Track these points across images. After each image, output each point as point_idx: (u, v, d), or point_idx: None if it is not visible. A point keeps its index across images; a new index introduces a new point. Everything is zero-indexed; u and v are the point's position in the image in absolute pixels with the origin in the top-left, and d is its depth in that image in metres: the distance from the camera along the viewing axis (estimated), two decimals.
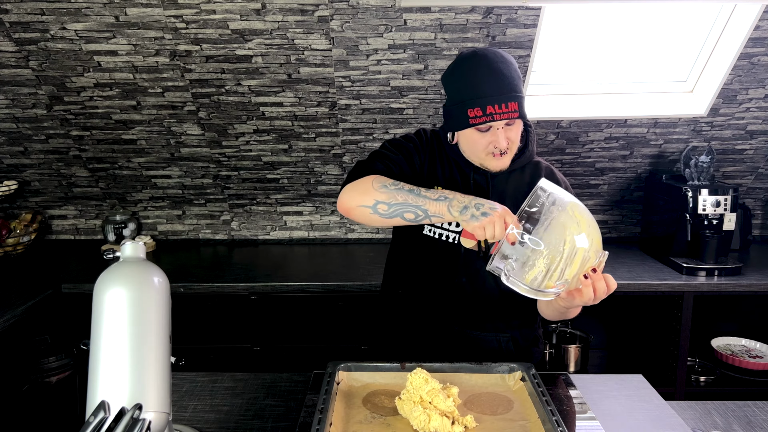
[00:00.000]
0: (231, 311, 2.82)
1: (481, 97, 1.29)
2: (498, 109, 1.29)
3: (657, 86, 2.59)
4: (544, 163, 1.50)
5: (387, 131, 2.59)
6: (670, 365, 2.44)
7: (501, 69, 1.30)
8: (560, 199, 1.14)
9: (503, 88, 1.29)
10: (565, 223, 1.11)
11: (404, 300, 1.53)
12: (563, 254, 1.09)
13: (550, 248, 1.09)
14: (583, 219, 1.13)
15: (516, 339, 1.50)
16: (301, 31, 2.16)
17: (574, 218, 1.12)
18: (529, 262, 1.11)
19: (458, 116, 1.33)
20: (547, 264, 1.10)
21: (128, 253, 0.96)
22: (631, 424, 1.21)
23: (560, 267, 1.10)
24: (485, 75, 1.30)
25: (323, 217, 2.97)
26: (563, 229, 1.10)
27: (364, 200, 1.31)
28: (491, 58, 1.32)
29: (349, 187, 1.36)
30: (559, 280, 1.11)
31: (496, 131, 1.32)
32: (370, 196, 1.30)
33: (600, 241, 1.15)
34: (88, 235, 3.00)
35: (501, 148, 1.33)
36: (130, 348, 0.87)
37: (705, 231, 2.44)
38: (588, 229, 1.12)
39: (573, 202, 1.15)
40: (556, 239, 1.10)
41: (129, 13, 2.08)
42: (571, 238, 1.09)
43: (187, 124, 2.52)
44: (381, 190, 1.30)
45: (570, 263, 1.10)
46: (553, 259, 1.09)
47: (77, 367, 2.28)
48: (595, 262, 1.14)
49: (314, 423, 1.04)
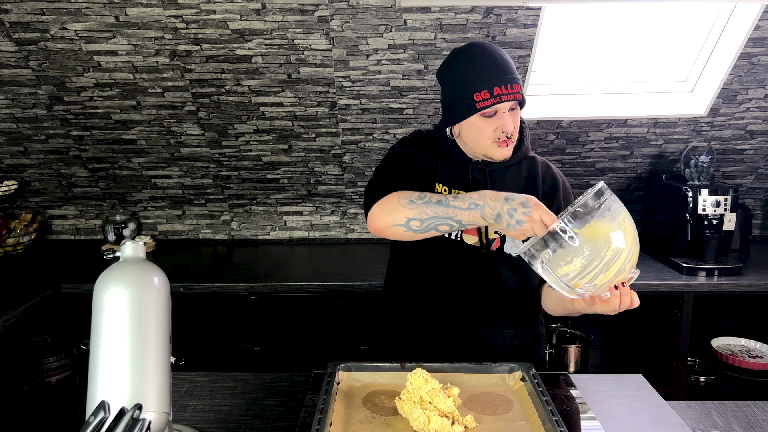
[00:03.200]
0: (231, 311, 2.82)
1: (487, 80, 1.31)
2: (504, 90, 1.30)
3: (657, 86, 2.59)
4: (540, 158, 1.50)
5: (387, 131, 2.59)
6: (670, 365, 2.44)
7: (500, 54, 1.35)
8: (615, 206, 1.12)
9: (506, 70, 1.33)
10: (613, 231, 1.10)
11: (408, 298, 1.53)
12: (602, 260, 1.08)
13: (592, 251, 1.08)
14: (629, 232, 1.12)
15: (520, 335, 1.50)
16: (301, 31, 2.16)
17: (623, 228, 1.11)
18: (567, 257, 1.10)
19: (464, 104, 1.34)
20: (584, 265, 1.09)
21: (128, 253, 0.96)
22: (631, 424, 1.21)
23: (595, 272, 1.09)
24: (487, 60, 1.33)
25: (323, 217, 2.97)
26: (609, 237, 1.09)
27: (396, 219, 1.29)
28: (488, 47, 1.37)
29: (375, 208, 1.33)
30: (589, 283, 1.11)
31: (503, 114, 1.33)
32: (401, 213, 1.28)
33: (637, 256, 1.14)
34: (88, 235, 3.00)
35: (508, 131, 1.34)
36: (130, 348, 0.87)
37: (705, 231, 2.44)
38: (632, 243, 1.11)
39: (626, 212, 1.14)
40: (600, 244, 1.09)
41: (129, 13, 2.08)
42: (614, 247, 1.09)
43: (187, 124, 2.52)
44: (410, 207, 1.28)
45: (605, 270, 1.09)
46: (591, 262, 1.09)
47: (77, 367, 2.28)
48: (627, 276, 1.14)
49: (314, 423, 1.04)
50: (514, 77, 1.33)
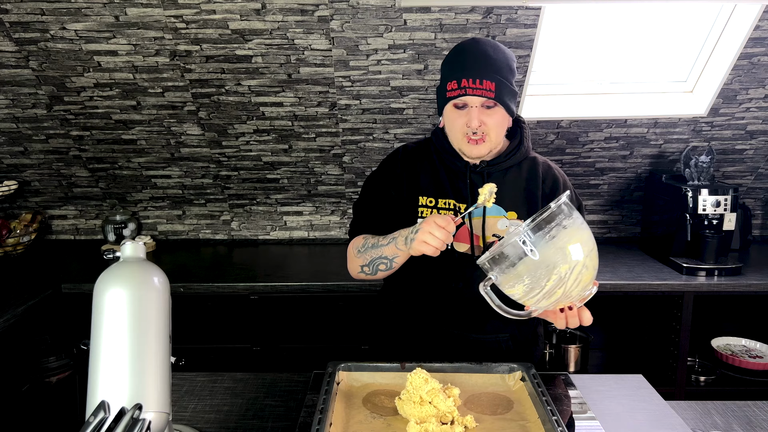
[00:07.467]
0: (231, 311, 2.82)
1: (459, 71, 1.31)
2: (472, 84, 1.29)
3: (657, 86, 2.59)
4: (541, 158, 1.49)
5: (387, 131, 2.59)
6: (670, 365, 2.44)
7: (487, 51, 1.32)
8: (566, 231, 1.05)
9: (484, 66, 1.30)
10: (556, 259, 1.04)
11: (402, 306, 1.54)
12: (543, 289, 1.06)
13: (532, 279, 1.05)
14: (579, 260, 1.04)
15: (515, 336, 1.50)
16: (301, 31, 2.16)
17: (567, 258, 1.04)
18: (510, 282, 1.07)
19: (442, 93, 1.36)
20: (526, 291, 1.07)
21: (128, 253, 0.96)
22: (631, 424, 1.21)
23: (536, 297, 1.08)
24: (470, 53, 1.33)
25: (323, 217, 2.97)
26: (553, 266, 1.04)
27: (355, 268, 1.47)
28: (482, 42, 1.34)
29: (347, 257, 1.50)
30: (536, 305, 1.10)
31: (471, 110, 1.32)
32: (355, 263, 1.46)
33: (589, 280, 1.08)
34: (88, 235, 3.00)
35: (472, 128, 1.32)
36: (130, 348, 0.87)
37: (705, 231, 2.44)
38: (579, 271, 1.05)
39: (574, 236, 1.05)
40: (539, 274, 1.05)
41: (129, 13, 2.08)
42: (555, 277, 1.04)
43: (187, 124, 2.52)
44: (358, 256, 1.44)
45: (548, 297, 1.07)
46: (532, 290, 1.07)
47: (77, 367, 2.28)
48: (576, 299, 1.10)
49: (314, 423, 1.04)
50: (490, 74, 1.28)
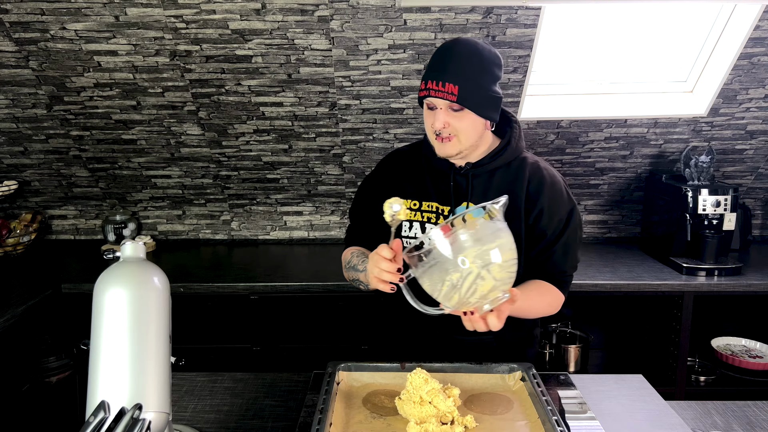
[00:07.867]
0: (231, 311, 2.82)
1: (431, 71, 1.31)
2: (434, 85, 1.28)
3: (657, 86, 2.59)
4: (532, 158, 1.45)
5: (387, 131, 2.59)
6: (670, 365, 2.44)
7: (463, 54, 1.29)
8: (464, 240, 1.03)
9: (451, 69, 1.28)
10: (448, 266, 1.04)
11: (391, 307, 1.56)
12: (441, 292, 1.06)
13: (431, 281, 1.06)
14: (473, 271, 1.03)
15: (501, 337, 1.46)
16: (301, 31, 2.16)
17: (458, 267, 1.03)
18: (421, 278, 1.08)
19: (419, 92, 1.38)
20: (431, 290, 1.08)
21: (128, 253, 0.96)
22: (631, 424, 1.21)
23: (440, 298, 1.08)
24: (442, 55, 1.31)
25: (323, 217, 2.97)
26: (446, 272, 1.04)
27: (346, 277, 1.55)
28: (460, 44, 1.31)
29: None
30: (442, 305, 1.10)
31: (438, 111, 1.32)
32: (345, 274, 1.55)
33: (487, 290, 1.04)
34: (88, 235, 3.00)
35: (436, 129, 1.33)
36: (130, 348, 0.87)
37: (705, 231, 2.44)
38: (473, 281, 1.03)
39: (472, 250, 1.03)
40: (437, 277, 1.06)
41: (129, 13, 2.08)
42: (449, 283, 1.04)
43: (187, 124, 2.52)
44: (345, 271, 1.54)
45: (447, 300, 1.07)
46: (433, 291, 1.07)
47: (77, 367, 2.28)
48: (476, 305, 1.07)
49: (314, 423, 1.04)
50: (455, 78, 1.26)
